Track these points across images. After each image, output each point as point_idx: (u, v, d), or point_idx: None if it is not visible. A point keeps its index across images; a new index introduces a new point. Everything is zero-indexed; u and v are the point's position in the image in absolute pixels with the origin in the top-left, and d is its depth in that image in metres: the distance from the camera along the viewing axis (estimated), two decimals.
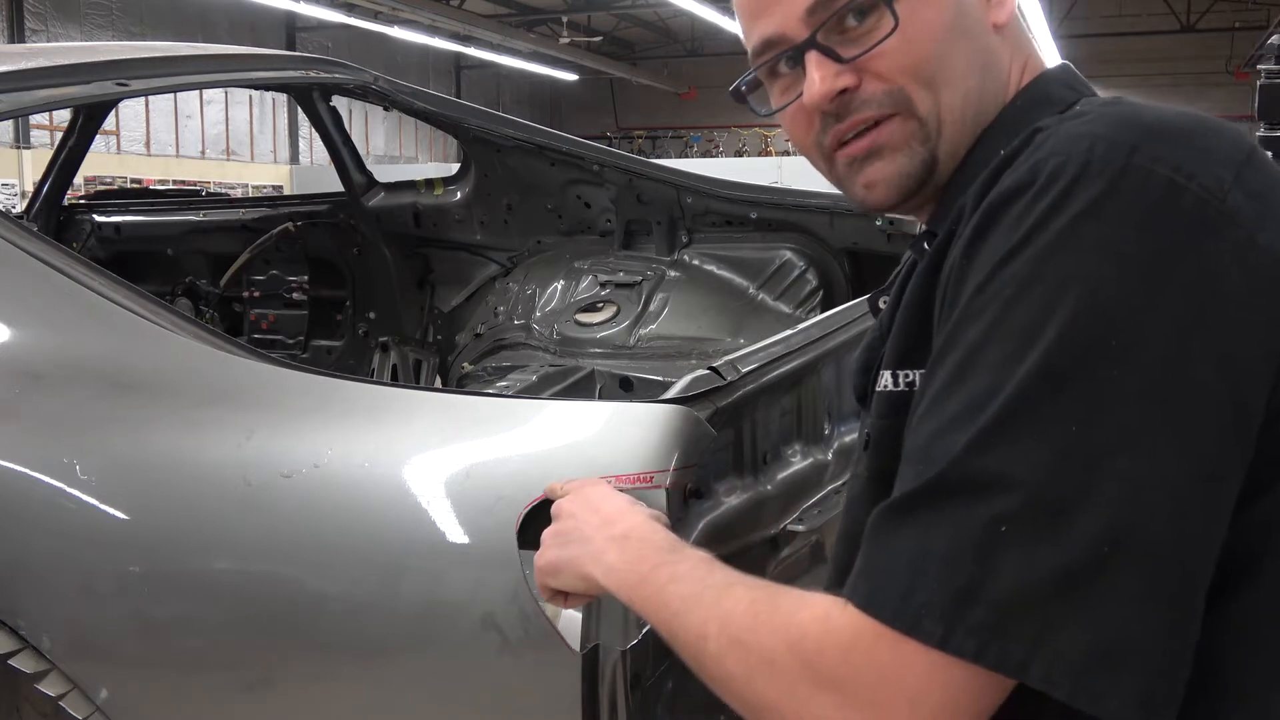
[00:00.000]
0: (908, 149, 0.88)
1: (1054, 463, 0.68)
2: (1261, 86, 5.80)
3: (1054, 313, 0.70)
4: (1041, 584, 0.67)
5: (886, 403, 0.86)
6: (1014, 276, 0.72)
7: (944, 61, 0.86)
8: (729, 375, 1.50)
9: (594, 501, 1.08)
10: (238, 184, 19.37)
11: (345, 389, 1.54)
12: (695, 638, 0.82)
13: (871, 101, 0.87)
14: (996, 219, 0.75)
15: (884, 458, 0.85)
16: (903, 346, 0.86)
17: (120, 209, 4.15)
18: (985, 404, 0.70)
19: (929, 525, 0.71)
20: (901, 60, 0.86)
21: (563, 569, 1.04)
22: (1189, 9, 22.35)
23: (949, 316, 0.76)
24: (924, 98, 0.87)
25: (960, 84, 0.87)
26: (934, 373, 0.76)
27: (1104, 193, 0.71)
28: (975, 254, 0.75)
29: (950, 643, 0.68)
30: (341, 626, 1.39)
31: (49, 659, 1.48)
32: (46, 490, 1.50)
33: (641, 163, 3.44)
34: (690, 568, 0.89)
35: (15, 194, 15.34)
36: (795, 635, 0.75)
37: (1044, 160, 0.75)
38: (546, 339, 3.41)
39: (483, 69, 25.67)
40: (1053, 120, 0.81)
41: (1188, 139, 0.74)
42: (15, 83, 2.05)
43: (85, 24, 17.87)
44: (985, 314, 0.73)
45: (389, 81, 3.25)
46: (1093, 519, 0.67)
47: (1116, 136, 0.73)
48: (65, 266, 1.67)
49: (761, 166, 17.68)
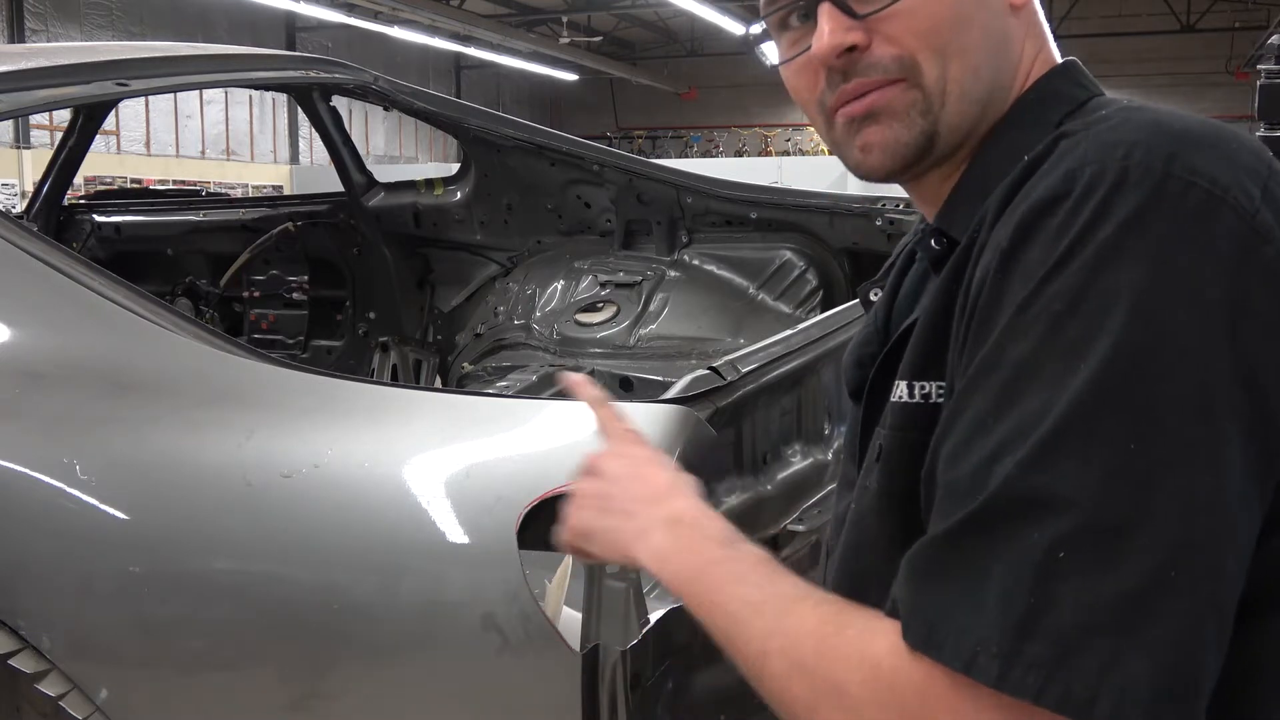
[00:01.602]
0: (907, 118, 0.85)
1: (1110, 482, 0.65)
2: (1261, 86, 5.80)
3: (1105, 328, 0.67)
4: (1103, 612, 0.64)
5: (902, 414, 0.84)
6: (1061, 292, 0.69)
7: (958, 31, 0.84)
8: (729, 375, 1.50)
9: (641, 469, 0.98)
10: (238, 184, 19.37)
11: (345, 389, 1.54)
12: (757, 653, 0.78)
13: (878, 65, 0.85)
14: (1034, 231, 0.72)
15: (898, 472, 0.83)
16: (921, 358, 0.83)
17: (120, 209, 4.15)
18: (1038, 423, 0.67)
19: (983, 555, 0.67)
20: (916, 23, 0.83)
21: (597, 537, 0.96)
22: (1189, 9, 22.34)
23: (983, 334, 0.73)
24: (932, 67, 0.84)
25: (971, 57, 0.84)
26: (971, 394, 0.72)
27: (1145, 204, 0.69)
28: (1012, 269, 0.73)
29: (1008, 681, 0.64)
30: (341, 627, 1.39)
31: (49, 659, 1.47)
32: (46, 490, 1.50)
33: (641, 163, 3.45)
34: (751, 568, 0.84)
35: (15, 194, 15.34)
36: (869, 667, 0.71)
37: (1078, 169, 0.72)
38: (546, 339, 3.41)
39: (483, 69, 25.67)
40: (1078, 125, 0.78)
41: (1217, 149, 0.72)
42: (15, 83, 2.05)
43: (85, 24, 17.87)
44: (1033, 331, 0.70)
45: (389, 81, 3.25)
46: (1153, 541, 0.64)
47: (1152, 143, 0.71)
48: (65, 266, 1.66)
49: (761, 166, 17.69)
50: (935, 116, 0.85)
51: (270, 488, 1.42)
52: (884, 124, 0.86)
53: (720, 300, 3.28)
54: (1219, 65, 23.43)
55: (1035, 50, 0.89)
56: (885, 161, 0.87)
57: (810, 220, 3.19)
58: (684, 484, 0.97)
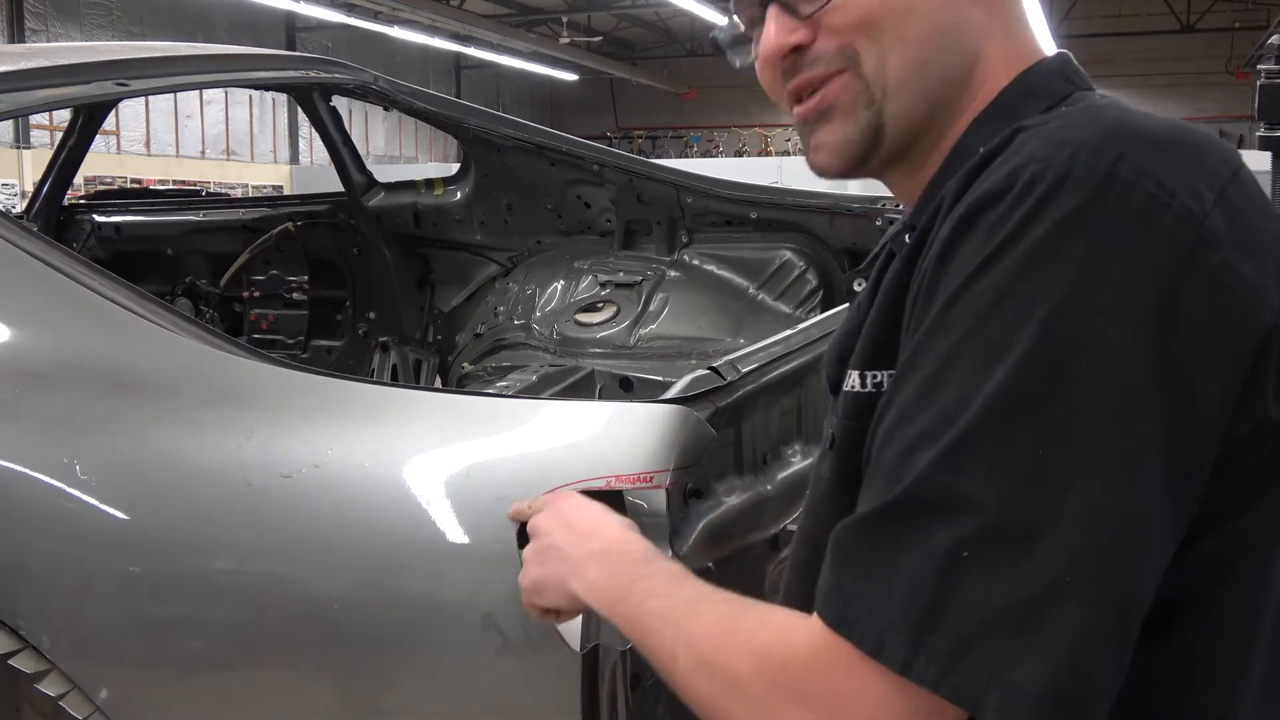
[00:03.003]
0: (853, 114, 0.85)
1: (1018, 487, 0.66)
2: (1261, 86, 5.78)
3: (1025, 329, 0.67)
4: (1002, 613, 0.65)
5: (854, 403, 0.84)
6: (988, 289, 0.69)
7: (898, 21, 0.83)
8: (729, 375, 1.50)
9: (568, 515, 1.07)
10: (238, 184, 19.36)
11: (345, 389, 1.54)
12: (667, 656, 0.82)
13: (821, 59, 0.85)
14: (972, 225, 0.72)
15: (849, 460, 0.83)
16: (872, 346, 0.83)
17: (120, 209, 4.15)
18: (953, 419, 0.68)
19: (894, 544, 0.69)
20: (855, 12, 0.83)
21: (546, 587, 1.04)
22: (1189, 9, 22.34)
23: (919, 321, 0.74)
24: (871, 55, 0.83)
25: (914, 49, 0.83)
26: (903, 380, 0.73)
27: (1083, 205, 0.68)
28: (949, 260, 0.73)
29: (911, 669, 0.66)
30: (341, 626, 1.39)
31: (49, 659, 1.48)
32: (46, 490, 1.50)
33: (641, 163, 3.44)
34: (662, 583, 0.89)
35: (15, 194, 15.34)
36: (759, 654, 0.74)
37: (1022, 166, 0.71)
38: (546, 339, 3.41)
39: (483, 69, 25.68)
40: (1037, 120, 0.77)
41: (1174, 152, 0.71)
42: (15, 83, 2.05)
43: (85, 24, 17.87)
44: (957, 326, 0.70)
45: (389, 81, 3.25)
46: (1055, 547, 0.65)
47: (1101, 144, 0.70)
48: (65, 266, 1.67)
49: (761, 166, 17.67)
50: (879, 107, 0.84)
51: (270, 488, 1.42)
52: (834, 122, 0.87)
53: (720, 300, 3.27)
54: (1219, 65, 23.43)
55: (1010, 44, 0.87)
56: (833, 161, 0.88)
57: (810, 220, 3.19)
58: (608, 516, 1.05)
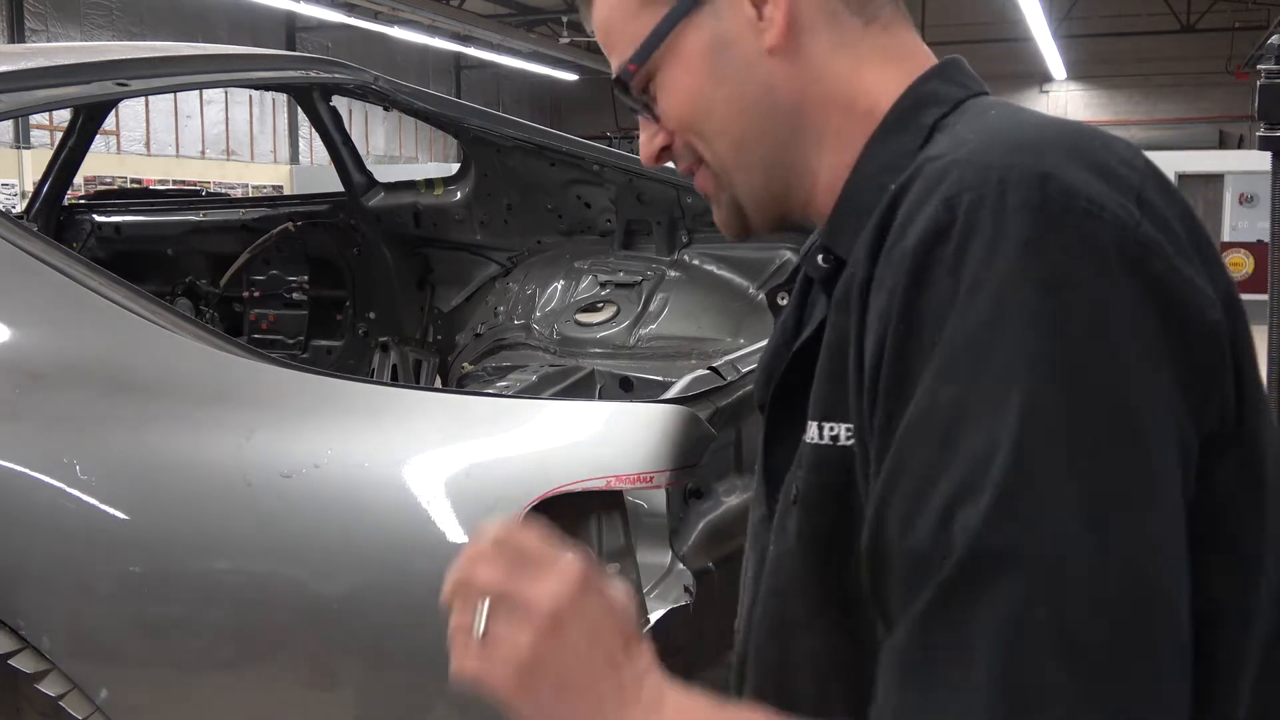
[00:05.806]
0: (718, 197, 0.90)
1: (1078, 528, 0.62)
2: (1261, 86, 5.80)
3: (1024, 364, 0.65)
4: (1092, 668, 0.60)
5: (814, 456, 0.80)
6: (976, 326, 0.66)
7: (706, 115, 0.86)
8: (729, 375, 1.51)
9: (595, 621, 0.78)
10: (238, 184, 19.38)
11: (345, 389, 1.54)
12: None
13: (681, 156, 0.90)
14: (928, 269, 0.69)
15: (818, 516, 0.79)
16: (827, 394, 0.79)
17: (120, 209, 4.15)
18: (988, 466, 0.64)
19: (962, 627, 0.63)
20: (674, 122, 0.87)
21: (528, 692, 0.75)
22: (1189, 9, 22.32)
23: (904, 386, 0.69)
24: (703, 148, 0.87)
25: (727, 133, 0.86)
26: (912, 446, 0.68)
27: (1033, 226, 0.67)
28: (920, 313, 0.69)
29: None
30: (341, 626, 1.39)
31: (49, 659, 1.48)
32: (46, 490, 1.50)
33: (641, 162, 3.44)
34: None
35: (15, 194, 15.35)
36: None
37: (954, 197, 0.69)
38: (546, 339, 3.41)
39: (482, 69, 25.68)
40: (938, 149, 0.76)
41: (1082, 160, 0.70)
42: (15, 83, 2.05)
43: (85, 24, 17.88)
44: (959, 370, 0.67)
45: (389, 81, 3.25)
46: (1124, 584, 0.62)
47: (1023, 165, 0.69)
48: (65, 266, 1.67)
49: None
50: (731, 191, 0.88)
51: (270, 488, 1.42)
52: (712, 204, 0.91)
53: (720, 300, 3.27)
54: (1219, 65, 23.41)
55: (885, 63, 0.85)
56: (732, 236, 0.93)
57: None
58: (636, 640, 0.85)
